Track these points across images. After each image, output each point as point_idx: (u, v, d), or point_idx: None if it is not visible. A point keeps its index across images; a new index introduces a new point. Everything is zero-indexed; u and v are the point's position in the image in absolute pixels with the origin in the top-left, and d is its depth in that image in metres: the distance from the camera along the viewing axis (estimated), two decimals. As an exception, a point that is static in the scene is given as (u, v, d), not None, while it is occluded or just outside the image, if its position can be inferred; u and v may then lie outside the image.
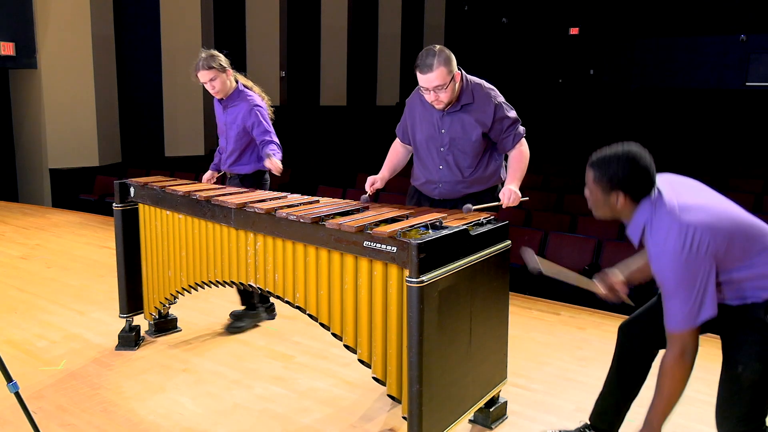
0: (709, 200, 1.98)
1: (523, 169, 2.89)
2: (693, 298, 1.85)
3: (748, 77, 14.17)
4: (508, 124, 2.89)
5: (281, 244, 2.62)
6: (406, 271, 2.16)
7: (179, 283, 3.25)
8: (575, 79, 16.09)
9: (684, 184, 2.05)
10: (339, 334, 2.48)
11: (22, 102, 9.40)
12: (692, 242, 1.83)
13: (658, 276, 1.91)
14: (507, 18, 16.84)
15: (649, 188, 1.96)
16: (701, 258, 1.84)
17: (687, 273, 1.84)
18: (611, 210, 2.02)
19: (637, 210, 1.97)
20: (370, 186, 2.97)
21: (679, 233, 1.85)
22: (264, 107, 3.65)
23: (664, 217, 1.90)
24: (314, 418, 2.79)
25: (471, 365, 2.43)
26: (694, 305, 1.85)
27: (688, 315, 1.86)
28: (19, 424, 2.58)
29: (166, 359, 3.35)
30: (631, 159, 1.94)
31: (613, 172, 1.95)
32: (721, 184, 7.43)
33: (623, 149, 1.97)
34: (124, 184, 3.46)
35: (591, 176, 2.02)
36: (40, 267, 5.05)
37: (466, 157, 2.91)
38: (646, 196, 1.96)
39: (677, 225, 1.86)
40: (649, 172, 1.95)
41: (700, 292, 1.85)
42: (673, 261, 1.85)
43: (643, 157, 1.95)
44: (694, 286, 1.84)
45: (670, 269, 1.86)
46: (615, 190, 1.96)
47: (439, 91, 2.76)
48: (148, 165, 9.85)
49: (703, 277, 1.85)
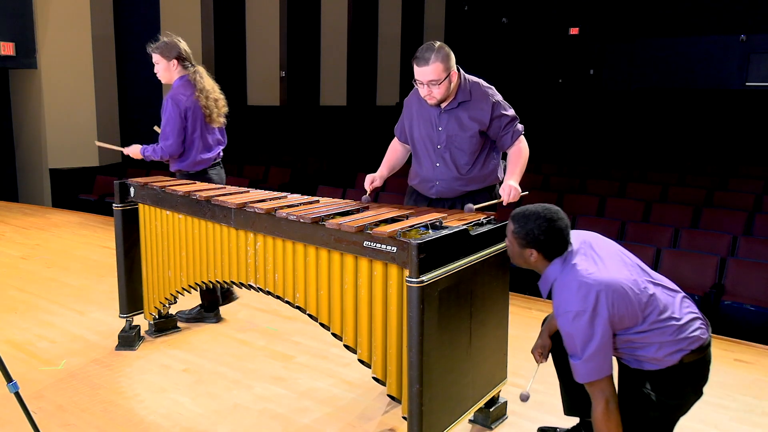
0: (617, 262, 2.11)
1: (523, 165, 2.89)
2: (595, 354, 1.98)
3: (748, 77, 14.16)
4: (506, 122, 2.90)
5: (281, 244, 2.62)
6: (406, 271, 2.16)
7: (179, 283, 3.25)
8: (575, 79, 16.08)
9: (600, 246, 2.17)
10: (339, 334, 2.48)
11: (22, 102, 9.39)
12: (593, 305, 1.97)
13: (563, 331, 2.04)
14: (507, 18, 16.83)
15: (561, 249, 2.10)
16: (601, 321, 1.97)
17: (588, 332, 1.97)
18: (525, 262, 2.17)
19: (549, 267, 2.12)
20: (369, 184, 2.97)
21: (582, 295, 1.98)
22: (182, 103, 3.55)
23: (571, 276, 2.03)
24: (314, 417, 2.79)
25: (471, 365, 2.43)
26: (599, 361, 1.98)
27: (592, 369, 2.00)
28: (19, 424, 2.58)
29: (166, 359, 3.35)
30: (547, 220, 2.08)
31: (530, 229, 2.09)
32: (722, 184, 7.44)
33: (543, 209, 2.11)
34: (124, 184, 3.46)
35: (510, 228, 2.16)
36: (40, 267, 5.05)
37: (463, 154, 2.91)
38: (558, 255, 2.10)
39: (583, 285, 1.99)
40: (563, 234, 2.09)
41: (602, 350, 1.98)
42: (575, 323, 1.98)
43: (560, 219, 2.09)
44: (595, 344, 1.97)
45: (573, 329, 1.99)
46: (529, 246, 2.11)
47: (433, 86, 2.77)
48: (148, 165, 9.83)
49: (603, 337, 1.97)
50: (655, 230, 5.67)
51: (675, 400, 2.10)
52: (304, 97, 13.55)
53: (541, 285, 2.18)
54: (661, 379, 2.07)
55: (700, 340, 2.07)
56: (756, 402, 2.96)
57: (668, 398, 2.08)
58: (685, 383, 2.09)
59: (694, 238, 5.46)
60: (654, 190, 7.06)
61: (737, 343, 3.73)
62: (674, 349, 2.04)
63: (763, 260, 4.88)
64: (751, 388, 3.10)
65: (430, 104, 2.89)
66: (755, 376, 3.26)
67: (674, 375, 2.06)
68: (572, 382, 2.28)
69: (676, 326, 2.05)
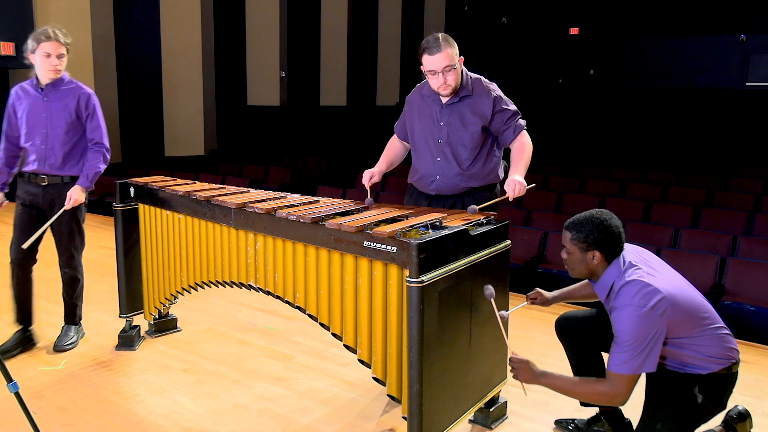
0: (672, 274, 2.25)
1: (527, 159, 2.86)
2: (640, 351, 2.06)
3: (748, 77, 14.16)
4: (507, 116, 2.90)
5: (281, 244, 2.62)
6: (406, 271, 2.16)
7: (179, 283, 3.25)
8: (575, 79, 16.07)
9: (650, 256, 2.30)
10: (339, 334, 2.48)
11: (22, 102, 9.38)
12: (654, 304, 2.06)
13: (616, 325, 2.12)
14: (507, 18, 16.83)
15: (619, 249, 2.21)
16: (657, 319, 2.06)
17: (642, 328, 2.06)
18: (587, 267, 2.23)
19: (608, 270, 2.21)
20: (368, 180, 2.95)
21: (643, 293, 2.08)
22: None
23: (635, 276, 2.13)
24: (314, 418, 2.79)
25: (471, 365, 2.43)
26: (639, 357, 2.07)
27: (632, 364, 2.07)
28: (19, 424, 2.58)
29: (166, 359, 3.35)
30: (602, 221, 2.18)
31: (589, 231, 2.18)
32: (722, 184, 7.43)
33: (594, 213, 2.22)
34: (124, 184, 3.46)
35: (568, 237, 2.24)
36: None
37: (464, 149, 2.92)
38: (617, 257, 2.20)
39: (644, 286, 2.09)
40: (619, 233, 2.20)
41: (647, 348, 2.07)
42: (632, 315, 2.07)
43: (613, 218, 2.21)
44: (644, 341, 2.06)
45: (628, 322, 2.08)
46: (591, 249, 2.19)
47: (448, 72, 2.79)
48: (148, 165, 9.84)
49: (654, 336, 2.07)
50: (655, 230, 5.67)
51: (716, 406, 2.21)
52: (304, 97, 13.55)
53: (598, 288, 2.26)
54: (711, 384, 2.17)
55: (737, 352, 2.22)
56: (756, 402, 2.96)
57: (713, 403, 2.19)
58: (729, 391, 2.22)
59: (694, 238, 5.46)
60: (654, 190, 7.06)
61: (737, 342, 3.73)
62: (725, 355, 2.18)
63: (763, 260, 4.88)
64: (751, 388, 3.10)
65: (443, 95, 2.90)
66: (755, 376, 3.26)
67: (722, 381, 2.18)
68: (587, 373, 2.39)
69: (725, 335, 2.19)
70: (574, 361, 2.58)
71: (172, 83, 10.88)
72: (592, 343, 2.50)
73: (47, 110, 3.32)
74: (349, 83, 14.26)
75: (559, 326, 2.59)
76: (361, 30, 14.60)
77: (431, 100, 2.98)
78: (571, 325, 2.55)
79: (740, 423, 2.43)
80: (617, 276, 2.18)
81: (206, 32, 11.10)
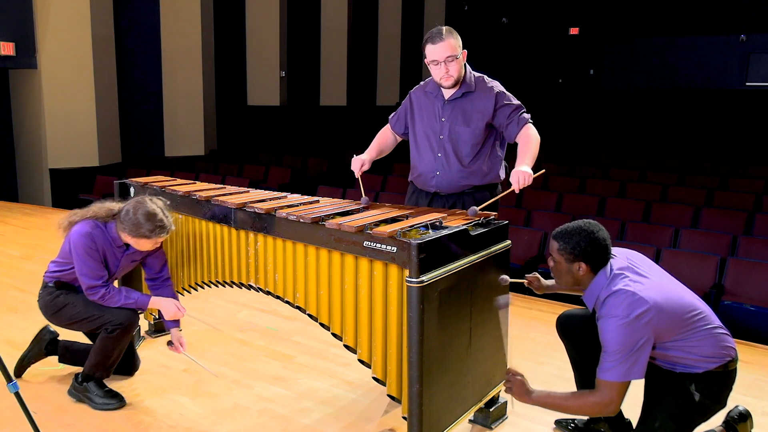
0: (660, 278, 2.24)
1: (534, 151, 2.79)
2: (626, 358, 2.07)
3: (748, 77, 14.17)
4: (510, 110, 2.90)
5: (281, 244, 2.62)
6: (406, 271, 2.16)
7: (179, 283, 3.25)
8: (575, 79, 16.08)
9: (639, 260, 2.29)
10: (339, 334, 2.47)
11: (22, 102, 9.39)
12: (639, 313, 2.06)
13: (602, 336, 2.13)
14: (507, 18, 16.84)
15: (605, 260, 2.21)
16: (641, 328, 2.07)
17: (627, 339, 2.07)
18: (573, 277, 2.24)
19: (594, 280, 2.21)
20: (358, 168, 2.97)
21: (627, 303, 2.08)
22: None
23: (621, 285, 2.13)
24: (314, 418, 2.79)
25: (471, 365, 2.43)
26: (626, 364, 2.08)
27: (620, 370, 2.08)
28: (19, 424, 2.58)
29: (166, 359, 3.35)
30: (589, 233, 2.19)
31: (576, 243, 2.19)
32: (722, 184, 7.43)
33: (582, 224, 2.22)
34: (124, 184, 3.45)
35: (555, 247, 2.25)
36: (40, 267, 5.05)
37: (465, 145, 2.92)
38: (603, 267, 2.21)
39: (629, 296, 2.09)
40: (606, 245, 2.20)
41: (634, 356, 2.07)
42: (616, 325, 2.08)
43: (600, 230, 2.21)
44: (630, 350, 2.07)
45: (613, 332, 2.08)
46: (578, 260, 2.20)
47: (450, 62, 2.80)
48: (148, 165, 9.85)
49: (639, 344, 2.07)
50: (655, 230, 5.67)
51: (715, 404, 2.21)
52: (304, 97, 13.55)
53: (586, 299, 2.27)
54: (708, 382, 2.17)
55: (734, 350, 2.24)
56: (756, 402, 2.96)
57: (711, 401, 2.19)
58: (727, 389, 2.22)
59: (694, 238, 5.46)
60: (654, 190, 7.06)
61: (737, 343, 3.70)
62: (720, 354, 2.18)
63: (763, 260, 4.87)
64: (751, 388, 3.10)
65: (445, 86, 2.90)
66: (755, 376, 3.26)
67: (719, 379, 2.19)
68: (589, 377, 2.36)
69: (720, 333, 2.20)
70: (574, 360, 2.58)
71: (172, 83, 10.88)
72: (592, 341, 2.50)
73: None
74: (349, 83, 14.27)
75: (560, 325, 2.59)
76: (361, 30, 14.60)
77: (434, 96, 2.99)
78: (571, 323, 2.56)
79: (741, 423, 2.43)
80: (603, 286, 2.18)
81: (206, 32, 11.10)
